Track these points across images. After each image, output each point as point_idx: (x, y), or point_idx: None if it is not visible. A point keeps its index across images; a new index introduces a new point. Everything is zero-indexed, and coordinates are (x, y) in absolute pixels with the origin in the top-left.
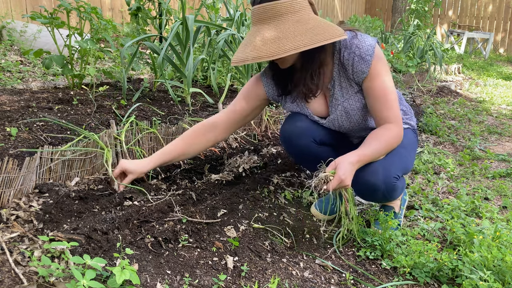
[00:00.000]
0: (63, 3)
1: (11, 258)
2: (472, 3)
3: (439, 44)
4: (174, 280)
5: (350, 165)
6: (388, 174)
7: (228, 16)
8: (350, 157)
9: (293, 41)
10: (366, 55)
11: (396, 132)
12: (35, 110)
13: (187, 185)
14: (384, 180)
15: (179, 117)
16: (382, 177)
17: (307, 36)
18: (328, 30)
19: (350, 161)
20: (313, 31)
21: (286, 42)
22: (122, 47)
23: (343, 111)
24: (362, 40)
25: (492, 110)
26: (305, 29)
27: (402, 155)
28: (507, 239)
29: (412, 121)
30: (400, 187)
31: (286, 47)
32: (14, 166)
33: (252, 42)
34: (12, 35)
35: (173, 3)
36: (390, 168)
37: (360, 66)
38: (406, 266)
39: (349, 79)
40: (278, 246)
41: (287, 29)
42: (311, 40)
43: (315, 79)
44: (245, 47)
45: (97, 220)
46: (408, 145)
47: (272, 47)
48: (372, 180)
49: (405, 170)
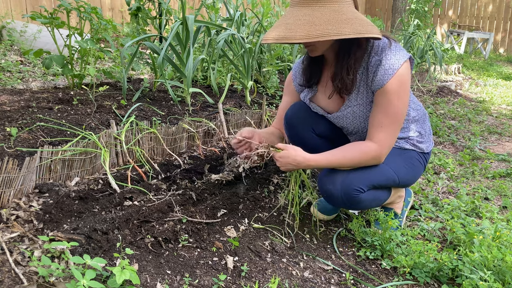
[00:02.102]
0: (63, 3)
1: (11, 258)
2: (472, 3)
3: (439, 44)
4: (174, 280)
5: (293, 159)
6: (348, 186)
7: (228, 16)
8: (301, 155)
9: (323, 28)
10: (389, 68)
11: (372, 154)
12: (35, 110)
13: (187, 185)
14: (342, 191)
15: (179, 117)
16: (340, 187)
17: (340, 26)
18: (364, 26)
19: (295, 157)
20: (347, 22)
21: (317, 28)
22: (122, 47)
23: (351, 114)
24: (394, 52)
25: (492, 110)
26: (340, 19)
27: (378, 170)
28: (507, 239)
29: (423, 144)
30: (368, 200)
31: (315, 32)
32: (14, 166)
33: (285, 23)
34: (12, 35)
35: (173, 3)
36: (352, 180)
37: (380, 77)
38: (406, 266)
39: (367, 85)
40: (278, 246)
41: (322, 16)
42: (342, 31)
43: (351, 75)
44: (276, 27)
45: (97, 220)
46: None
47: (302, 31)
48: (330, 188)
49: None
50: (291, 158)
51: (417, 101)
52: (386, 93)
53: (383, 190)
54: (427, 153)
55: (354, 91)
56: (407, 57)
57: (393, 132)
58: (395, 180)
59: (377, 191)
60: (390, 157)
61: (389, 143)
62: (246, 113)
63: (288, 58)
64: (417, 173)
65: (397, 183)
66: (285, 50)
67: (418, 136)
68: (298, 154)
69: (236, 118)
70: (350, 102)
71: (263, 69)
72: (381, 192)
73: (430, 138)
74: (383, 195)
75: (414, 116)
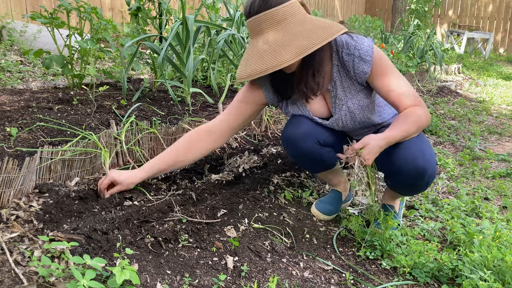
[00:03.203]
0: (63, 3)
1: (11, 258)
2: (472, 3)
3: (439, 44)
4: (174, 280)
5: (377, 146)
6: (433, 157)
7: (228, 16)
8: (378, 137)
9: (300, 44)
10: (366, 56)
11: (422, 112)
12: (35, 110)
13: (187, 185)
14: (433, 163)
15: (179, 117)
16: (432, 160)
17: (312, 36)
18: (328, 28)
19: (378, 143)
20: (316, 31)
21: (293, 48)
22: (122, 47)
23: (347, 111)
24: (359, 42)
25: (492, 110)
26: (307, 30)
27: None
28: (507, 239)
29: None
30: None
31: (295, 51)
32: (14, 166)
33: (257, 54)
34: (12, 35)
35: (173, 3)
36: (429, 150)
37: (362, 67)
38: (406, 266)
39: (351, 79)
40: (278, 246)
41: (290, 34)
42: (317, 40)
43: (316, 77)
44: (249, 60)
45: (97, 220)
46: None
47: (281, 55)
48: (424, 165)
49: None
50: (376, 147)
51: None
52: (380, 74)
53: None
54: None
55: (339, 89)
56: (372, 41)
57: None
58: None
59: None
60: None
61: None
62: None
63: None
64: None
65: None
66: None
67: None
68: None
69: None
70: (341, 100)
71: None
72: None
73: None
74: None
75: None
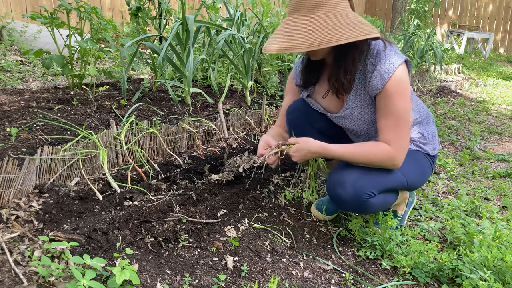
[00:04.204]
0: (63, 3)
1: (11, 258)
2: (472, 3)
3: (439, 44)
4: (174, 280)
5: (307, 149)
6: (359, 189)
7: (228, 16)
8: (315, 143)
9: (326, 34)
10: (385, 73)
11: (386, 154)
12: (35, 110)
13: (187, 185)
14: (353, 194)
15: (179, 117)
16: (351, 190)
17: (341, 30)
18: (362, 28)
19: (310, 147)
20: (348, 26)
21: (319, 35)
22: (122, 47)
23: (349, 116)
24: (388, 56)
25: (492, 110)
26: (340, 23)
27: (388, 172)
28: (507, 239)
29: (428, 147)
30: (377, 204)
31: (318, 40)
32: (14, 166)
33: (286, 31)
34: (12, 35)
35: (173, 3)
36: (364, 183)
37: (376, 81)
38: (406, 266)
39: (365, 89)
40: (278, 246)
41: (322, 21)
42: (343, 35)
43: (348, 75)
44: (277, 36)
45: (97, 220)
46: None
47: (306, 38)
48: (340, 192)
49: (384, 188)
50: (305, 150)
51: (421, 104)
52: (386, 96)
53: (391, 193)
54: (432, 156)
55: (352, 93)
56: (403, 60)
57: (402, 133)
58: (404, 183)
59: (386, 195)
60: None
61: (401, 144)
62: (246, 113)
63: (288, 58)
64: (425, 175)
65: (406, 186)
66: None
67: (421, 138)
68: (311, 144)
69: (236, 118)
70: (349, 104)
71: (263, 69)
72: (389, 195)
73: (434, 141)
74: (392, 198)
75: (416, 118)
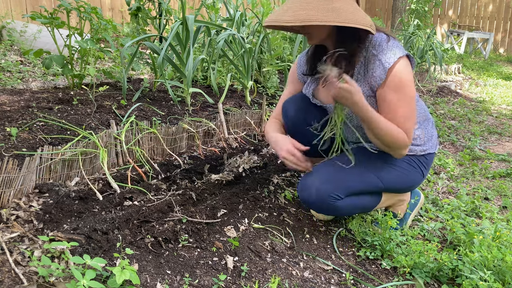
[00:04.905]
0: (63, 3)
1: (11, 258)
2: (472, 3)
3: (439, 44)
4: (174, 280)
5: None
6: (323, 193)
7: (228, 16)
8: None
9: (308, 13)
10: (386, 62)
11: (402, 138)
12: (35, 110)
13: (187, 185)
14: (317, 198)
15: (179, 117)
16: (315, 194)
17: (326, 13)
18: (356, 17)
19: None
20: (337, 11)
21: (303, 13)
22: (122, 47)
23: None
24: (390, 47)
25: (492, 110)
26: (330, 7)
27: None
28: (507, 239)
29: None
30: (348, 206)
31: (301, 18)
32: (14, 166)
33: (280, 9)
34: (12, 35)
35: (173, 3)
36: (327, 187)
37: (378, 71)
38: (406, 266)
39: (366, 80)
40: (278, 246)
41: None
42: (327, 18)
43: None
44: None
45: (97, 220)
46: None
47: (290, 15)
48: (305, 195)
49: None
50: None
51: (421, 104)
52: (389, 88)
53: (367, 196)
54: (422, 155)
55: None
56: (404, 53)
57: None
58: (379, 186)
59: (359, 198)
60: (372, 161)
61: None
62: (246, 113)
63: (288, 58)
64: (410, 177)
65: (383, 188)
66: (285, 50)
67: (414, 139)
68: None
69: (236, 118)
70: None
71: (263, 69)
72: (365, 198)
73: (429, 142)
74: (370, 201)
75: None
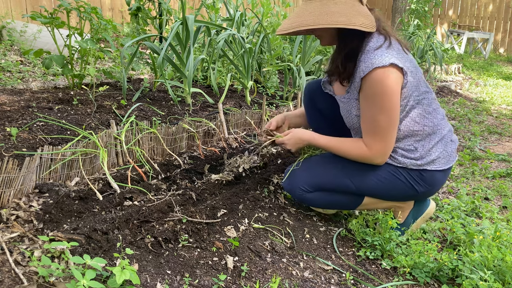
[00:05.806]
0: (63, 3)
1: (11, 258)
2: (472, 3)
3: (439, 44)
4: (174, 280)
5: (298, 139)
6: (293, 183)
7: (228, 16)
8: (305, 134)
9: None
10: (366, 67)
11: (363, 155)
12: (35, 110)
13: (187, 185)
14: (288, 187)
15: (179, 117)
16: (288, 183)
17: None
18: (349, 18)
19: (300, 136)
20: (331, 13)
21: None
22: (122, 47)
23: (342, 103)
24: (380, 53)
25: (492, 110)
26: (324, 11)
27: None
28: (507, 239)
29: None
30: (319, 200)
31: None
32: (14, 166)
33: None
34: (12, 35)
35: (173, 3)
36: (297, 179)
37: (357, 77)
38: (406, 266)
39: (354, 81)
40: (278, 246)
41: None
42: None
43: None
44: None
45: (97, 220)
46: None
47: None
48: (283, 184)
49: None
50: (297, 137)
51: (433, 119)
52: (365, 96)
53: (343, 195)
54: (416, 170)
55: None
56: (390, 62)
57: (378, 138)
58: (350, 187)
59: (332, 194)
60: (351, 164)
61: (377, 148)
62: (246, 113)
63: (288, 58)
64: (393, 186)
65: (355, 191)
66: (285, 50)
67: (410, 151)
68: (303, 133)
69: (236, 118)
70: (348, 93)
71: (263, 69)
72: (338, 196)
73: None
74: (345, 200)
75: (415, 130)
